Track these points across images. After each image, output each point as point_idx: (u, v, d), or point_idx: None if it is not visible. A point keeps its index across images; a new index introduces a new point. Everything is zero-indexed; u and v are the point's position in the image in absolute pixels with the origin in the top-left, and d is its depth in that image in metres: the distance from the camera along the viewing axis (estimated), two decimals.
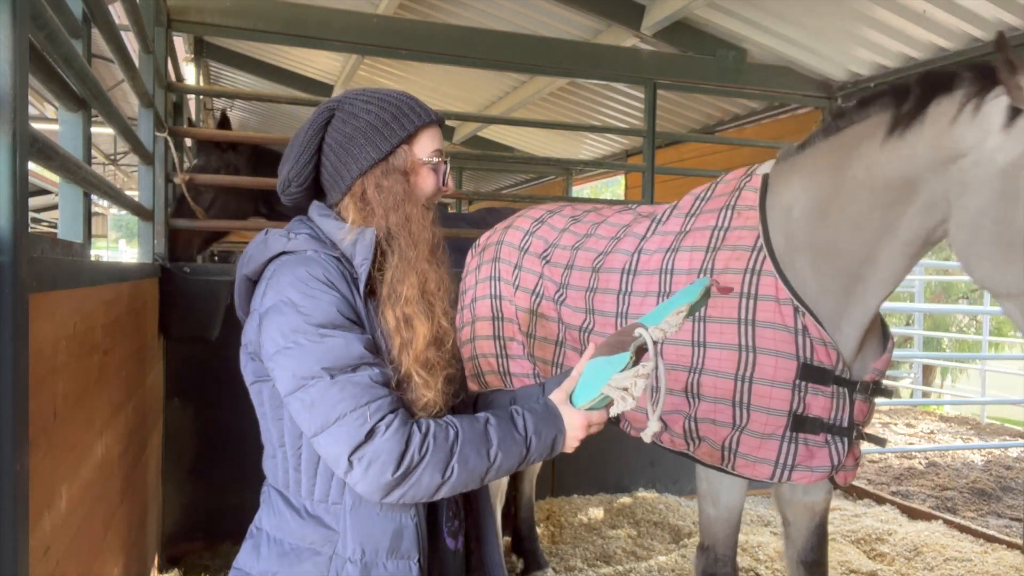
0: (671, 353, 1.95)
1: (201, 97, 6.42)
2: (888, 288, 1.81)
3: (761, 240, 1.86)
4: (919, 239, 1.69)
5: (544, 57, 4.31)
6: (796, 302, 1.78)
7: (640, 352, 1.22)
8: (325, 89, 7.55)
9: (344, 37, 4.02)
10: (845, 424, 1.83)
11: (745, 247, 1.88)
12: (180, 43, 5.91)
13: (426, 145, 1.34)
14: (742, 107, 5.65)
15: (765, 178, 1.96)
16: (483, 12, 5.20)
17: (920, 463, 5.59)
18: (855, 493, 4.56)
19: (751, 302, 1.82)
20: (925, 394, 8.54)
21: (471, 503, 1.47)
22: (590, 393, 1.26)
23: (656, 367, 1.21)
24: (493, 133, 8.36)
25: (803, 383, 1.78)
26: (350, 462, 1.12)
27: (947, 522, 4.00)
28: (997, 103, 1.50)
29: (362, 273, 1.24)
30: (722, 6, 4.26)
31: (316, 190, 1.38)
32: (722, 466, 1.89)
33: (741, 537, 2.43)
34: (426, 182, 1.34)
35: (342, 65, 6.86)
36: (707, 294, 1.26)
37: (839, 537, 3.70)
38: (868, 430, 1.97)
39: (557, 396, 1.33)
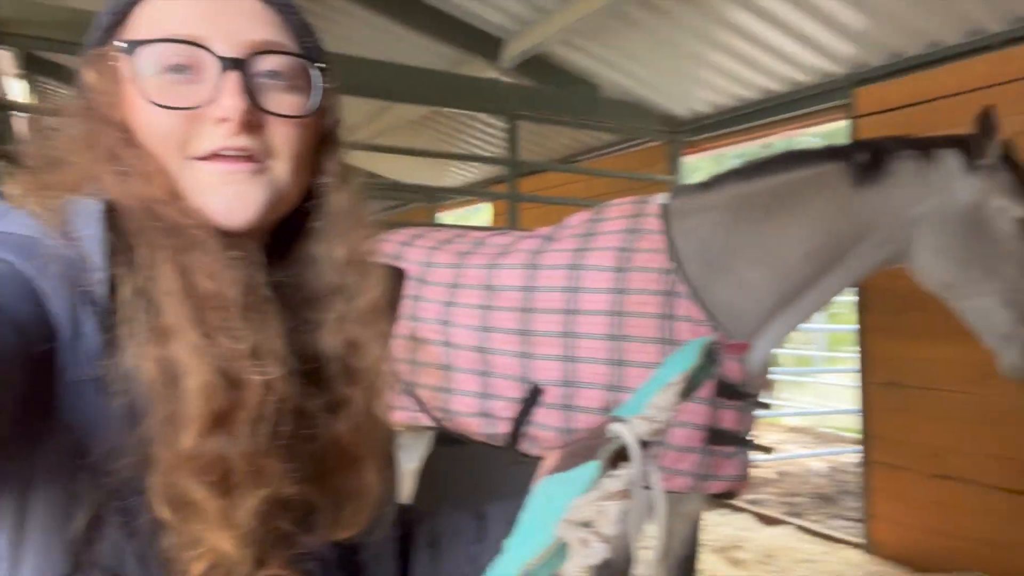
0: (586, 372, 1.97)
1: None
2: (816, 310, 2.07)
3: (672, 264, 1.97)
4: (868, 267, 2.01)
5: (405, 85, 4.32)
6: (711, 323, 1.92)
7: (619, 460, 0.70)
8: None
9: None
10: (746, 435, 1.98)
11: (657, 269, 1.98)
12: (6, 57, 5.40)
13: (150, 23, 0.64)
14: (598, 139, 5.90)
15: (663, 208, 2.09)
16: (339, 37, 5.13)
17: (770, 472, 5.98)
18: (713, 504, 4.80)
19: (670, 323, 1.92)
20: (769, 407, 9.11)
21: None
22: (534, 540, 0.65)
23: (638, 476, 0.67)
24: (356, 159, 8.22)
25: (719, 398, 1.90)
26: None
27: (796, 526, 4.29)
28: (953, 157, 1.95)
29: (98, 290, 0.56)
30: (575, 43, 4.45)
31: None
32: None
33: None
34: (148, 91, 0.62)
35: None
36: (710, 358, 0.81)
37: (700, 546, 3.86)
38: None
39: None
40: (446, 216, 8.93)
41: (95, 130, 0.64)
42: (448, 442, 2.57)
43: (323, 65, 0.70)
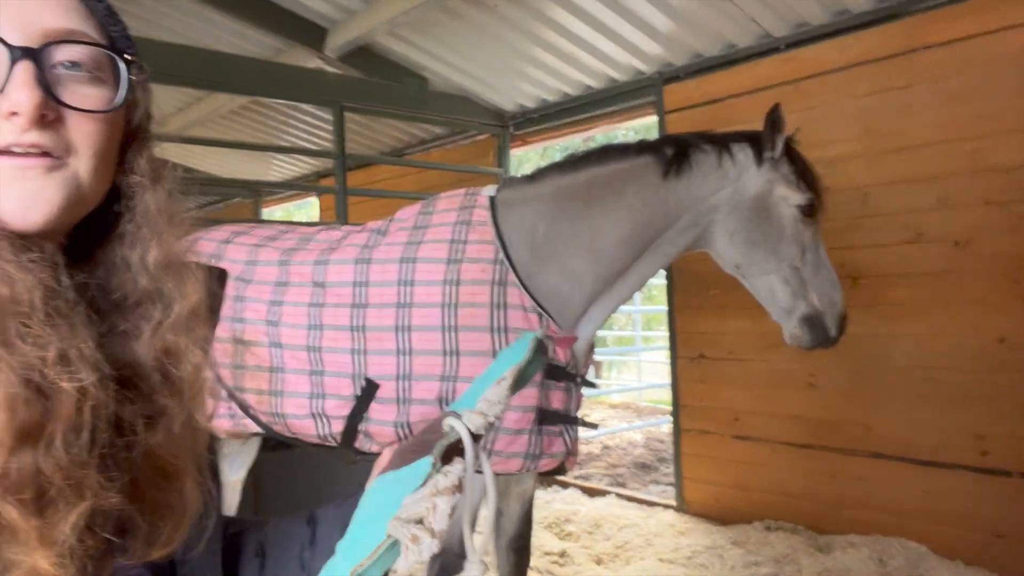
0: (421, 364, 2.00)
1: None
2: (633, 292, 2.22)
3: (501, 254, 2.05)
4: (676, 251, 2.19)
5: (223, 73, 4.10)
6: (540, 309, 2.02)
7: (452, 455, 0.71)
8: None
9: None
10: (573, 413, 2.09)
11: (488, 260, 2.04)
12: None
13: None
14: (427, 132, 5.93)
15: (492, 199, 2.16)
16: (148, 22, 4.77)
17: (596, 447, 6.35)
18: (545, 481, 5.03)
19: (502, 311, 1.99)
20: (595, 386, 9.67)
21: None
22: (366, 540, 0.64)
23: (470, 469, 0.69)
24: (169, 152, 7.66)
25: (548, 380, 2.00)
26: None
27: (619, 495, 4.60)
28: (746, 151, 2.17)
29: None
30: (402, 35, 4.45)
31: None
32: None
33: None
34: None
35: None
36: (540, 351, 0.84)
37: (534, 523, 4.05)
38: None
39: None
40: (272, 211, 8.56)
41: None
42: (276, 447, 2.51)
43: (130, 56, 0.66)
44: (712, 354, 4.06)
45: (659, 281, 4.61)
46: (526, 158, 14.28)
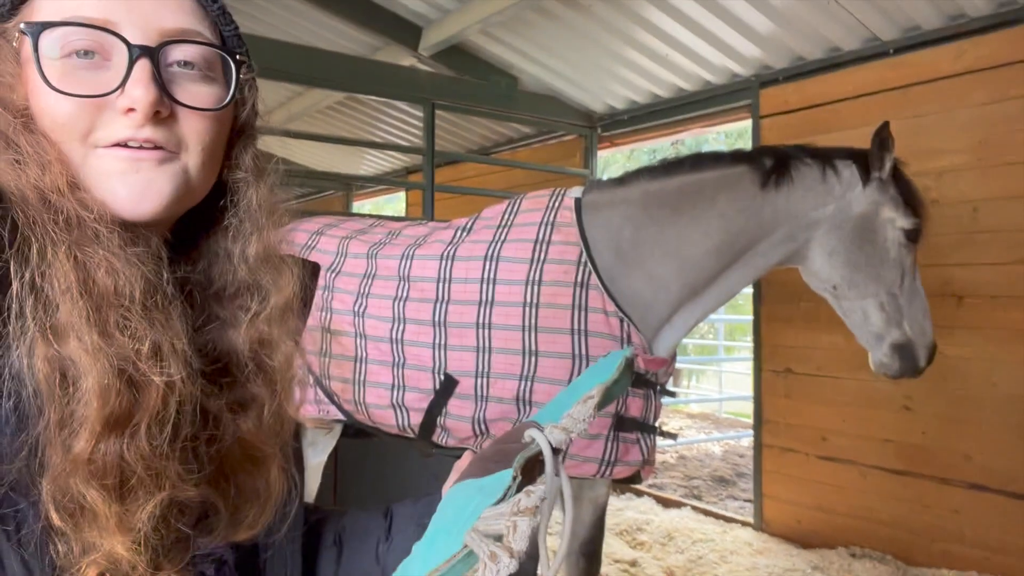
0: (500, 362, 2.01)
1: None
2: (720, 303, 2.17)
3: (585, 256, 2.03)
4: (767, 265, 2.12)
5: (321, 70, 4.23)
6: (621, 314, 1.99)
7: (532, 468, 0.69)
8: None
9: None
10: (651, 422, 2.06)
11: (571, 261, 2.03)
12: None
13: (58, 2, 0.60)
14: (515, 131, 5.94)
15: (577, 201, 2.14)
16: (253, 18, 4.98)
17: (671, 457, 6.22)
18: (618, 488, 4.97)
19: (582, 313, 1.99)
20: (674, 395, 9.48)
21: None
22: (442, 546, 0.64)
23: (551, 489, 0.65)
24: (267, 145, 7.98)
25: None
26: None
27: (694, 508, 4.49)
28: (851, 168, 2.10)
29: None
30: (494, 34, 4.48)
31: None
32: None
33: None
34: (50, 76, 0.58)
35: None
36: (629, 369, 0.81)
37: (605, 530, 4.01)
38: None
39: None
40: (362, 205, 8.79)
41: None
42: (356, 435, 2.56)
43: (241, 55, 0.68)
44: (800, 369, 3.91)
45: (746, 290, 4.48)
46: (612, 160, 14.15)
